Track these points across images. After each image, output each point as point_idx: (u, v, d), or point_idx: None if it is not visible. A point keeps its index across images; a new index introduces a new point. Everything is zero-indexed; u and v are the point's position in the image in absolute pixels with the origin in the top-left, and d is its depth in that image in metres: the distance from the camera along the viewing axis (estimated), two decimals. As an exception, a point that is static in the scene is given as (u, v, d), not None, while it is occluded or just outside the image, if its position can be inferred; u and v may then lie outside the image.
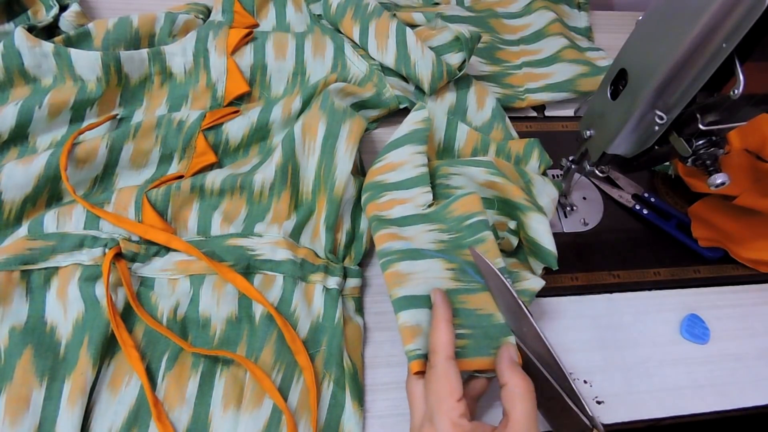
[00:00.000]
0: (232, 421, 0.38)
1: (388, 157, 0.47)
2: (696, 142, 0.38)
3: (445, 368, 0.33)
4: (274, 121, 0.51)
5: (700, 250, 0.53)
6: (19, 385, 0.37)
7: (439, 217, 0.44)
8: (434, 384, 0.33)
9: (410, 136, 0.47)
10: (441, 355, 0.33)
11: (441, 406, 0.32)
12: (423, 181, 0.45)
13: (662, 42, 0.34)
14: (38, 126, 0.48)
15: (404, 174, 0.46)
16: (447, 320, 0.35)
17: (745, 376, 0.46)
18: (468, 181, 0.47)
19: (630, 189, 0.56)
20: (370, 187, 0.46)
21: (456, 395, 0.32)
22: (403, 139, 0.47)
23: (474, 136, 0.52)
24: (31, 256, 0.40)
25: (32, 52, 0.49)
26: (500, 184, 0.46)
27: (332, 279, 0.44)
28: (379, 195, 0.45)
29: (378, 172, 0.46)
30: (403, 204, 0.45)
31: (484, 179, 0.46)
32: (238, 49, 0.54)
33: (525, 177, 0.48)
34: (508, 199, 0.46)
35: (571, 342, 0.46)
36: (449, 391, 0.32)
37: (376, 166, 0.47)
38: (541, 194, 0.48)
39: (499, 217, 0.47)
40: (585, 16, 0.72)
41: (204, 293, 0.42)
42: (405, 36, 0.54)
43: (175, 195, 0.45)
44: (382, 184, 0.46)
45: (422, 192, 0.45)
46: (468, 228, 0.42)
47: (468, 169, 0.47)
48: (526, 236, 0.46)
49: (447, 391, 0.32)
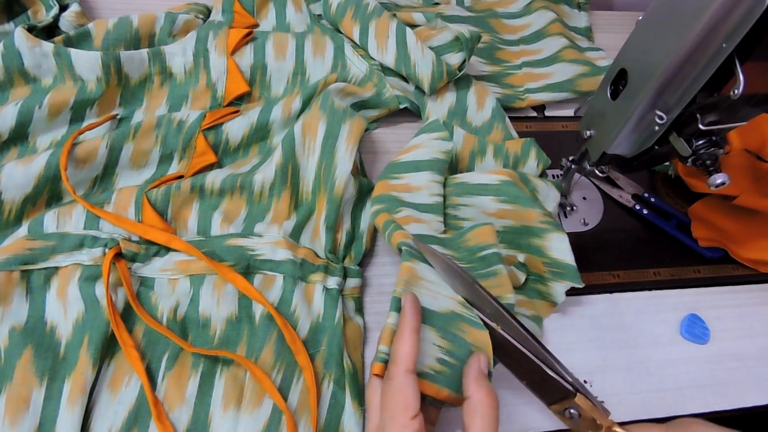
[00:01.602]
0: (232, 421, 0.38)
1: (407, 178, 0.46)
2: (696, 142, 0.38)
3: (403, 382, 0.30)
4: (274, 121, 0.51)
5: (700, 250, 0.53)
6: (19, 385, 0.37)
7: (453, 244, 0.43)
8: (389, 397, 0.31)
9: (432, 163, 0.47)
10: (400, 366, 0.31)
11: (393, 422, 0.30)
12: (437, 210, 0.46)
13: (662, 42, 0.34)
14: (38, 126, 0.48)
15: (420, 198, 0.46)
16: (413, 330, 0.32)
17: (745, 376, 0.46)
18: (477, 213, 0.46)
19: (630, 189, 0.56)
20: (385, 199, 0.45)
21: (410, 412, 0.30)
22: (424, 164, 0.47)
23: (470, 139, 0.52)
24: (31, 256, 0.40)
25: (32, 52, 0.49)
26: (512, 212, 0.45)
27: (332, 279, 0.44)
28: (395, 209, 0.45)
29: (393, 189, 0.46)
30: (419, 223, 0.44)
31: (495, 209, 0.46)
32: (238, 49, 0.54)
33: (530, 185, 0.48)
34: (523, 227, 0.45)
35: (571, 342, 0.46)
36: (404, 406, 0.30)
37: (392, 182, 0.46)
38: (547, 199, 0.49)
39: (507, 251, 0.46)
40: (585, 16, 0.72)
41: (204, 293, 0.42)
42: (405, 36, 0.54)
43: (175, 195, 0.45)
44: (399, 200, 0.45)
45: (437, 220, 0.45)
46: (481, 260, 0.42)
47: (478, 199, 0.46)
48: (548, 260, 0.45)
49: (401, 407, 0.30)
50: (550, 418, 0.42)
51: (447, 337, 0.35)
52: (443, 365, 0.34)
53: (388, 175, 0.47)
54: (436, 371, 0.34)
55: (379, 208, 0.45)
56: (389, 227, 0.42)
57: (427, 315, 0.36)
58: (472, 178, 0.48)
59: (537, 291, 0.47)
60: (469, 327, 0.36)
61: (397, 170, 0.47)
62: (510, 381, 0.43)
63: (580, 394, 0.34)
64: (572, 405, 0.34)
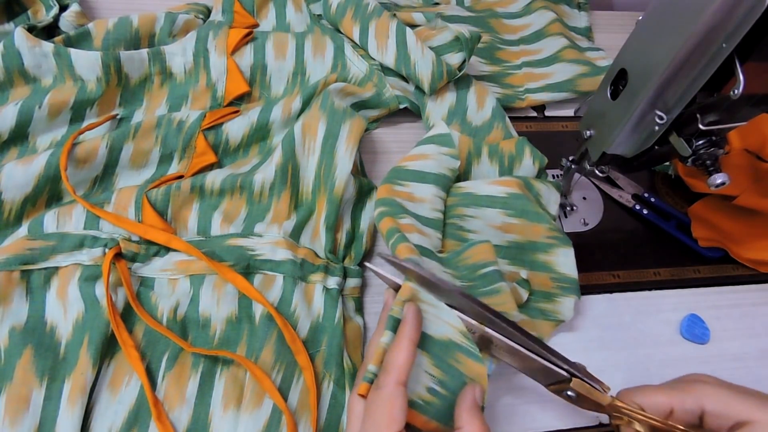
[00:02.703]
0: (232, 421, 0.38)
1: (411, 187, 0.46)
2: (696, 142, 0.38)
3: (392, 394, 0.29)
4: (274, 121, 0.51)
5: (700, 250, 0.53)
6: (19, 385, 0.37)
7: (452, 263, 0.43)
8: (376, 408, 0.29)
9: (438, 178, 0.46)
10: (392, 376, 0.30)
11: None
12: (437, 226, 0.46)
13: (662, 42, 0.34)
14: (38, 126, 0.48)
15: (422, 211, 0.46)
16: (411, 341, 0.31)
17: (745, 376, 0.46)
18: (484, 226, 0.46)
19: (630, 189, 0.56)
20: (389, 202, 0.44)
21: (396, 426, 0.28)
22: (431, 177, 0.46)
23: (466, 141, 0.51)
24: (31, 256, 0.40)
25: (32, 52, 0.49)
26: (519, 226, 0.45)
27: (332, 279, 0.44)
28: (399, 214, 0.43)
29: (397, 195, 0.45)
30: (422, 236, 0.44)
31: (501, 222, 0.46)
32: (238, 49, 0.54)
33: (533, 190, 0.48)
34: (528, 242, 0.45)
35: (571, 342, 0.46)
36: (390, 420, 0.28)
37: (396, 188, 0.46)
38: (549, 203, 0.49)
39: (509, 268, 0.46)
40: (585, 16, 0.72)
41: (204, 293, 0.42)
42: (405, 36, 0.54)
43: (175, 195, 0.45)
44: (402, 207, 0.45)
45: (436, 236, 0.45)
46: (482, 278, 0.41)
47: (484, 211, 0.46)
48: (556, 275, 0.45)
49: (387, 420, 0.28)
50: (551, 419, 0.42)
51: (441, 366, 0.34)
52: (433, 395, 0.33)
53: (393, 180, 0.46)
54: (425, 401, 0.33)
55: (383, 210, 0.44)
56: (394, 236, 0.41)
57: (424, 340, 0.34)
58: (479, 189, 0.47)
59: (540, 310, 0.46)
60: (466, 358, 0.35)
61: (402, 177, 0.46)
62: (509, 381, 0.43)
63: (575, 379, 0.34)
64: (569, 388, 0.34)
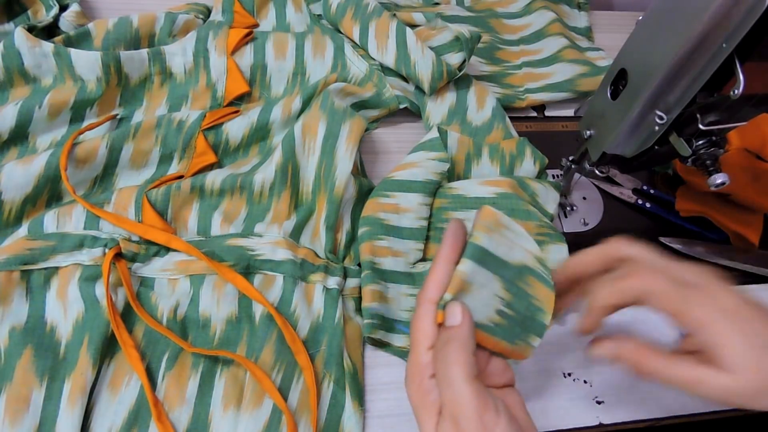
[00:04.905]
0: (232, 421, 0.38)
1: (397, 198, 0.46)
2: (696, 142, 0.38)
3: (421, 310, 0.31)
4: (274, 121, 0.51)
5: (706, 234, 0.53)
6: (19, 385, 0.37)
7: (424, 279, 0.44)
8: (412, 323, 0.31)
9: (424, 185, 0.47)
10: (424, 295, 0.31)
11: (414, 349, 0.30)
12: (420, 236, 0.46)
13: (662, 42, 0.35)
14: (38, 126, 0.48)
15: (406, 221, 0.46)
16: (446, 260, 0.32)
17: (745, 376, 0.46)
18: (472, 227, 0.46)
19: (629, 184, 0.56)
20: (371, 222, 0.45)
21: (427, 341, 0.30)
22: (417, 185, 0.47)
23: (465, 141, 0.51)
24: (31, 256, 0.40)
25: (32, 52, 0.49)
26: None
27: (332, 279, 0.44)
28: (378, 236, 0.45)
29: (381, 208, 0.46)
30: (396, 257, 0.45)
31: None
32: (238, 49, 0.54)
33: (528, 190, 0.48)
34: None
35: (572, 342, 0.46)
36: (422, 334, 0.30)
37: (382, 201, 0.46)
38: (547, 202, 0.48)
39: None
40: (585, 16, 0.72)
41: (204, 293, 0.42)
42: (405, 36, 0.54)
43: (175, 195, 0.45)
44: (384, 225, 0.45)
45: (415, 248, 0.46)
46: None
47: (473, 213, 0.45)
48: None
49: (419, 334, 0.30)
50: (551, 419, 0.42)
51: (511, 290, 0.34)
52: (502, 317, 0.34)
53: (380, 192, 0.47)
54: (495, 323, 0.33)
55: (364, 231, 0.45)
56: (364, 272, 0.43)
57: (498, 265, 0.34)
58: (469, 190, 0.47)
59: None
60: (537, 282, 0.35)
61: (389, 188, 0.47)
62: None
63: None
64: None
